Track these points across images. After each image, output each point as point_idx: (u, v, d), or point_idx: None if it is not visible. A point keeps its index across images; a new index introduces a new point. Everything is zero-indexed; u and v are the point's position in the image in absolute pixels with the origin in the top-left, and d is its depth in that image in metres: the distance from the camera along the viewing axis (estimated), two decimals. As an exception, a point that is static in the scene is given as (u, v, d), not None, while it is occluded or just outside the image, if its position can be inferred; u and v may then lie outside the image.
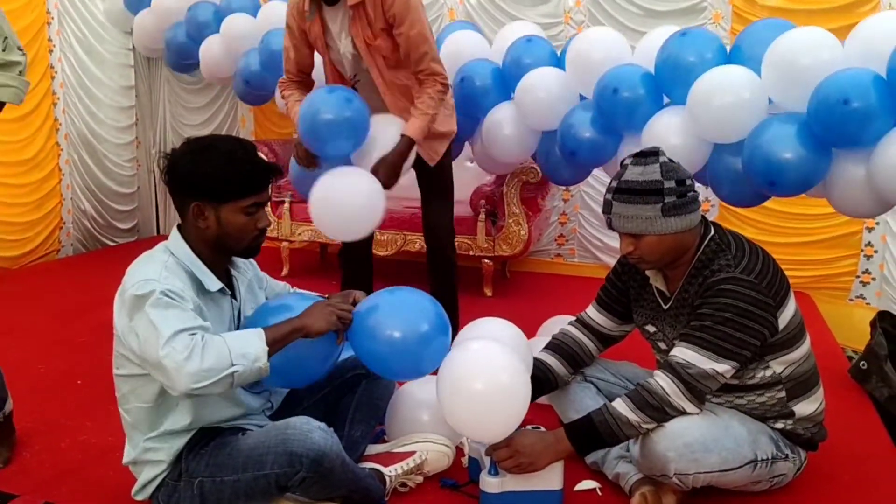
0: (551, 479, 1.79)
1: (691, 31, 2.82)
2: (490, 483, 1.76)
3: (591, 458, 1.98)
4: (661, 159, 1.75)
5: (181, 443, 1.63)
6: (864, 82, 2.26)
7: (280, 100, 2.91)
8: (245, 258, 1.76)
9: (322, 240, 4.19)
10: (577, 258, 4.49)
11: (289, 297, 1.75)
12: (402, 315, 1.73)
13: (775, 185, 2.42)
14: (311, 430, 1.54)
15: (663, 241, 1.75)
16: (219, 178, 1.58)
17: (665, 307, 1.89)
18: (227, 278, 1.73)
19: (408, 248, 3.88)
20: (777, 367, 1.81)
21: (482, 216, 3.76)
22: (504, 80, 3.29)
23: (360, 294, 1.80)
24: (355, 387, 1.93)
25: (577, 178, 3.35)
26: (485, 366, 1.71)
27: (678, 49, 2.69)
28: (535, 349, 2.10)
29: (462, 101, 3.36)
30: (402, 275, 3.74)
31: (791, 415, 1.85)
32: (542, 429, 1.96)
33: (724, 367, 1.71)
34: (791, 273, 3.81)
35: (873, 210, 2.47)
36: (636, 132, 2.78)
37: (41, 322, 3.40)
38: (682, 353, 1.73)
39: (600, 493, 1.91)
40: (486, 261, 3.83)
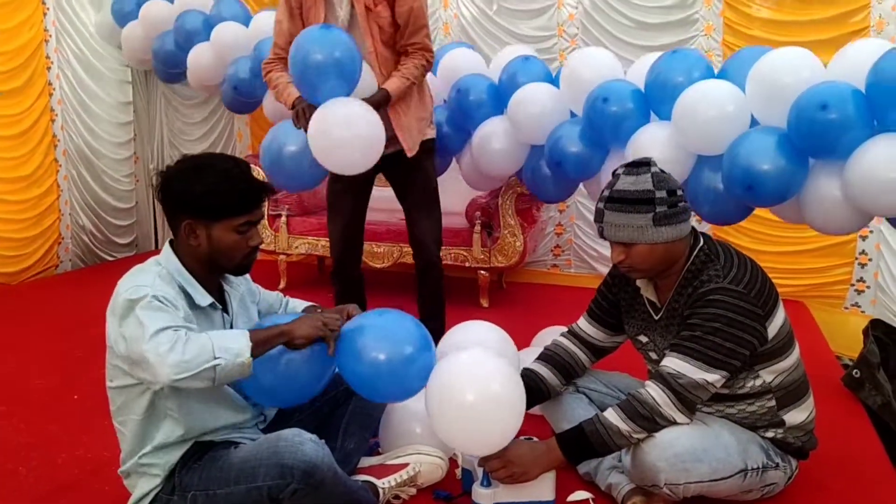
0: (543, 490, 1.80)
1: (681, 50, 2.89)
2: (482, 494, 1.78)
3: (583, 468, 1.99)
4: (653, 169, 1.77)
5: (175, 457, 1.64)
6: (843, 92, 2.31)
7: (270, 99, 2.89)
8: (236, 276, 1.76)
9: (319, 252, 4.21)
10: (574, 269, 4.51)
11: (282, 318, 1.75)
12: (387, 338, 1.72)
13: (753, 190, 2.44)
14: (303, 442, 1.55)
15: (654, 250, 1.77)
16: (212, 197, 1.60)
17: (656, 318, 1.91)
18: (219, 293, 1.75)
19: (403, 260, 3.89)
20: (767, 376, 1.82)
21: (477, 228, 3.78)
22: (498, 95, 3.31)
23: (353, 308, 1.81)
24: (348, 399, 1.94)
25: (562, 195, 3.37)
26: (476, 376, 1.71)
27: (667, 67, 2.75)
28: (527, 360, 2.11)
29: (455, 113, 3.40)
30: (398, 287, 3.77)
31: (781, 423, 1.86)
32: (535, 439, 1.97)
33: (714, 377, 1.72)
34: (786, 282, 3.90)
35: (850, 223, 2.48)
36: (622, 146, 2.81)
37: (39, 337, 3.41)
38: (673, 364, 1.74)
39: (593, 503, 1.92)
40: (482, 272, 3.85)
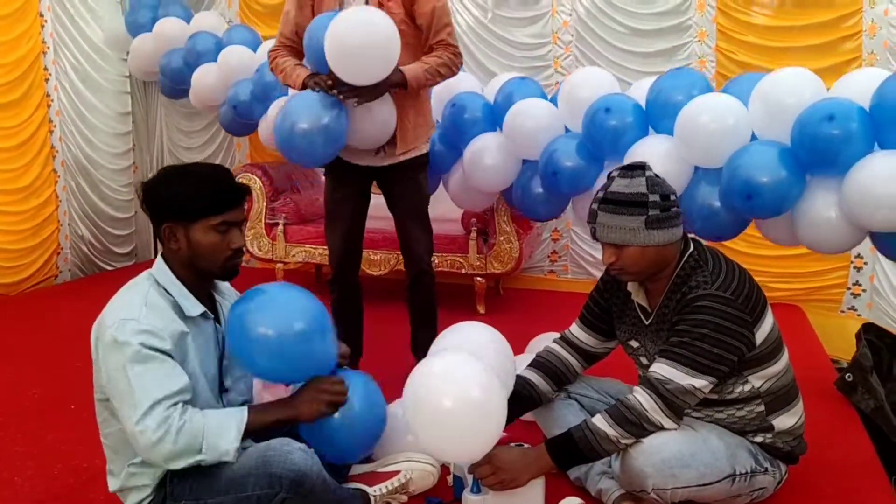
0: (533, 497, 1.81)
1: (682, 69, 2.97)
2: (472, 501, 1.78)
3: (574, 473, 2.00)
4: (648, 173, 1.79)
5: (163, 469, 1.64)
6: (849, 107, 2.36)
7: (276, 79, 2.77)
8: (223, 280, 1.77)
9: (316, 260, 4.23)
10: (571, 274, 4.52)
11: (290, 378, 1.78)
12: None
13: (752, 200, 2.45)
14: (291, 451, 1.56)
15: (645, 253, 1.78)
16: (185, 197, 1.61)
17: (647, 323, 1.92)
18: (212, 303, 1.76)
19: (400, 267, 3.88)
20: (756, 381, 1.83)
21: (473, 234, 3.79)
22: (493, 114, 3.30)
23: (345, 349, 1.86)
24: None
25: (552, 212, 3.30)
26: (450, 383, 1.69)
27: (668, 85, 2.78)
28: (520, 367, 2.12)
29: (449, 129, 3.39)
30: (394, 294, 3.78)
31: (770, 428, 1.87)
32: (526, 445, 1.99)
33: (701, 383, 1.73)
34: (782, 286, 3.91)
35: (843, 241, 2.50)
36: (619, 159, 2.78)
37: (37, 347, 3.43)
38: (661, 369, 1.75)
39: (583, 509, 1.93)
40: (479, 279, 3.86)
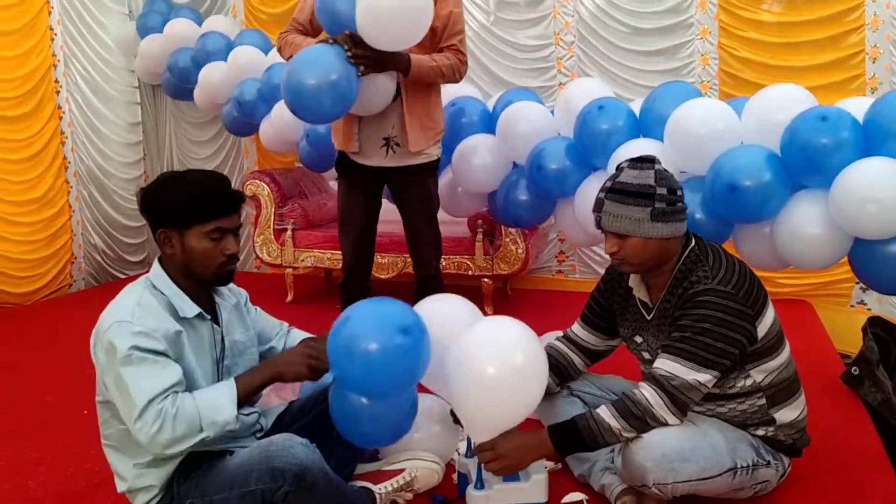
0: (537, 492, 1.83)
1: (677, 81, 2.98)
2: (476, 497, 1.80)
3: (577, 470, 2.02)
4: (657, 167, 1.81)
5: (170, 468, 1.68)
6: (843, 114, 2.35)
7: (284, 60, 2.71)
8: (218, 286, 1.79)
9: (326, 265, 4.27)
10: (579, 274, 4.52)
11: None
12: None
13: (735, 192, 2.41)
14: (293, 446, 1.58)
15: (648, 244, 1.80)
16: (178, 203, 1.64)
17: (648, 318, 1.94)
18: (210, 305, 1.78)
19: (408, 270, 3.92)
20: (757, 375, 1.84)
21: (479, 236, 3.82)
22: (491, 121, 3.25)
23: None
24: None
25: (536, 218, 3.23)
26: (500, 347, 1.75)
27: (663, 94, 2.77)
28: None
29: (446, 130, 3.38)
30: (403, 297, 3.79)
31: (772, 422, 1.87)
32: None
33: (705, 377, 1.74)
34: (790, 281, 3.90)
35: (828, 253, 2.46)
36: (605, 162, 2.75)
37: (52, 355, 3.48)
38: (665, 365, 1.77)
39: (587, 504, 1.95)
40: (486, 280, 3.88)
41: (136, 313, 1.60)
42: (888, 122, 2.29)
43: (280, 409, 1.97)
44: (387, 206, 2.89)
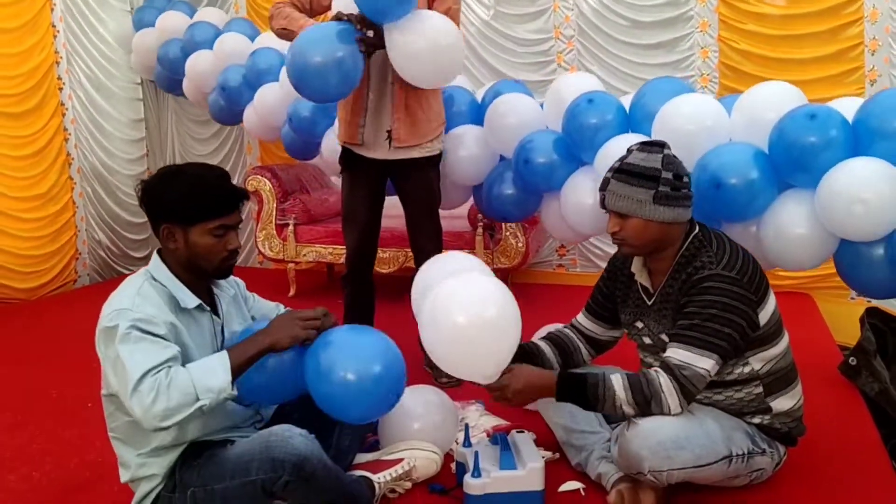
0: (533, 480, 1.84)
1: (670, 78, 2.92)
2: (473, 485, 1.82)
3: (574, 459, 2.04)
4: (666, 152, 1.84)
5: (173, 457, 1.70)
6: (833, 112, 2.32)
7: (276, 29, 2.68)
8: (218, 279, 1.81)
9: (328, 260, 4.29)
10: (580, 268, 4.54)
11: (259, 324, 1.79)
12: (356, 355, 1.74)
13: (721, 188, 2.36)
14: (292, 437, 1.61)
15: (648, 227, 1.82)
16: (184, 201, 1.66)
17: (649, 303, 1.96)
18: (209, 296, 1.81)
19: (409, 265, 3.95)
20: (756, 363, 1.86)
21: (480, 230, 3.83)
22: (479, 112, 3.19)
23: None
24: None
25: (521, 212, 3.14)
26: (471, 299, 1.75)
27: (652, 90, 2.74)
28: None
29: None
30: (404, 292, 3.81)
31: (768, 410, 1.89)
32: (527, 433, 2.05)
33: (711, 363, 1.77)
34: (792, 273, 3.90)
35: (815, 253, 2.44)
36: (593, 156, 2.70)
37: (57, 350, 3.51)
38: (677, 354, 1.78)
39: (584, 493, 1.96)
40: (487, 274, 3.89)
41: (136, 301, 1.62)
42: (878, 122, 2.25)
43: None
44: (389, 201, 2.90)
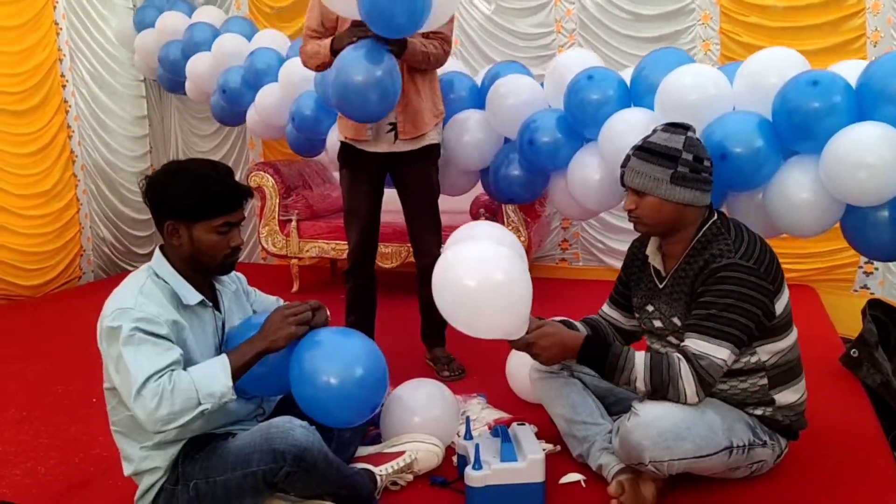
0: (534, 472, 1.85)
1: (669, 48, 2.91)
2: (474, 477, 1.82)
3: (576, 450, 2.04)
4: (689, 134, 1.85)
5: (175, 451, 1.72)
6: (836, 78, 2.31)
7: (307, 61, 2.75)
8: (220, 275, 1.83)
9: (331, 255, 4.30)
10: (582, 262, 4.54)
11: (257, 318, 1.80)
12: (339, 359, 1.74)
13: (726, 159, 2.34)
14: (293, 428, 1.62)
15: (664, 206, 1.83)
16: (189, 199, 1.67)
17: (661, 286, 1.96)
18: (211, 291, 1.82)
19: (411, 259, 3.94)
20: (763, 354, 1.86)
21: (482, 224, 3.83)
22: (480, 97, 3.21)
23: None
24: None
25: (530, 192, 3.15)
26: (479, 264, 1.79)
27: (653, 61, 2.73)
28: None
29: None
30: (405, 286, 3.82)
31: (771, 402, 1.89)
32: (528, 425, 2.05)
33: (728, 354, 1.77)
34: (794, 266, 3.91)
35: (819, 219, 2.43)
36: (596, 132, 2.71)
37: (62, 346, 3.53)
38: (695, 344, 1.79)
39: (584, 485, 1.97)
40: (489, 268, 3.89)
41: (139, 300, 1.63)
42: (881, 85, 2.23)
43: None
44: (389, 196, 2.91)
